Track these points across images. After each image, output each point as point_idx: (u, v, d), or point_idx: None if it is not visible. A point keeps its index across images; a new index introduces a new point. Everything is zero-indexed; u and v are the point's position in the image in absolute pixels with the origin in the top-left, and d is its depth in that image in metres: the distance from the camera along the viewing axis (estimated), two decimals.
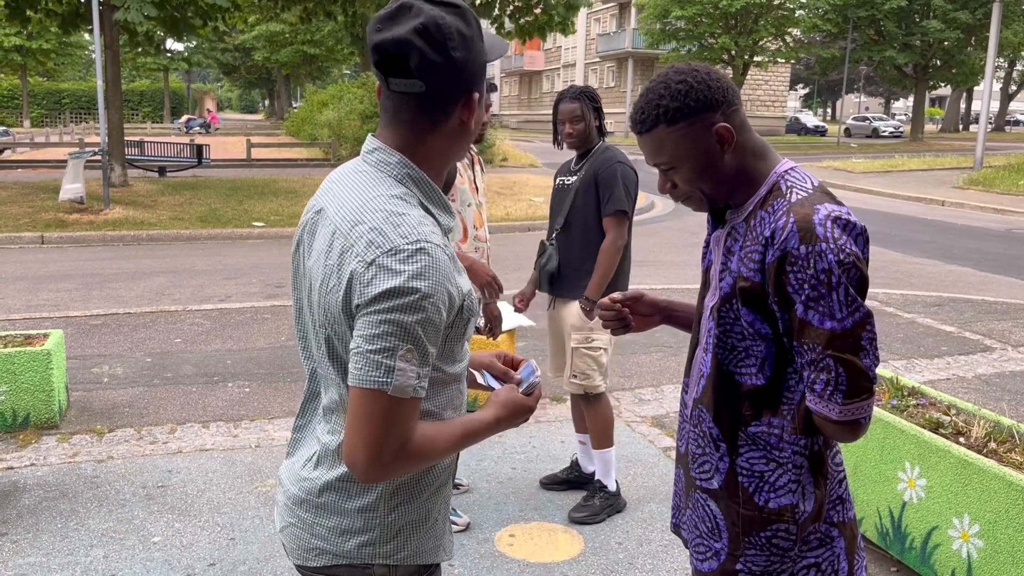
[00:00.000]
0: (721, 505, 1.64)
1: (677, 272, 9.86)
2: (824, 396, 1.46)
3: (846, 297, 1.42)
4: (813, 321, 1.44)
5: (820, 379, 1.46)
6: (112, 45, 15.40)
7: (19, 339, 4.88)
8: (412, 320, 1.29)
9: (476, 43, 1.41)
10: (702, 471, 1.68)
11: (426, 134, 1.42)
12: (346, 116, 24.29)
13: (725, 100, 1.54)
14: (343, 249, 1.35)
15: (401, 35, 1.34)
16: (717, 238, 1.65)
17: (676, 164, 1.58)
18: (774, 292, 1.48)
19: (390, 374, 1.29)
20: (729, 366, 1.60)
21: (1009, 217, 16.13)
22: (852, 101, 76.70)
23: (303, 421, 1.58)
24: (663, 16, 39.26)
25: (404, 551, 1.50)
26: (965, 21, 38.85)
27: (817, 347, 1.44)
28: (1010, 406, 5.38)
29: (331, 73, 60.83)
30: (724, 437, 1.62)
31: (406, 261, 1.29)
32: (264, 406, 5.22)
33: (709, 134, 1.54)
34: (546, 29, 18.29)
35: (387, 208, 1.35)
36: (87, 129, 39.36)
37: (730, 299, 1.56)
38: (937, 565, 3.14)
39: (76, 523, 3.66)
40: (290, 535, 1.53)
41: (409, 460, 1.35)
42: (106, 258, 10.55)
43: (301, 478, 1.51)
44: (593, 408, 3.76)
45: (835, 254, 1.42)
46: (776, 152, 1.63)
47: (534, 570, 3.34)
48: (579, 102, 3.63)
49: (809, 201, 1.48)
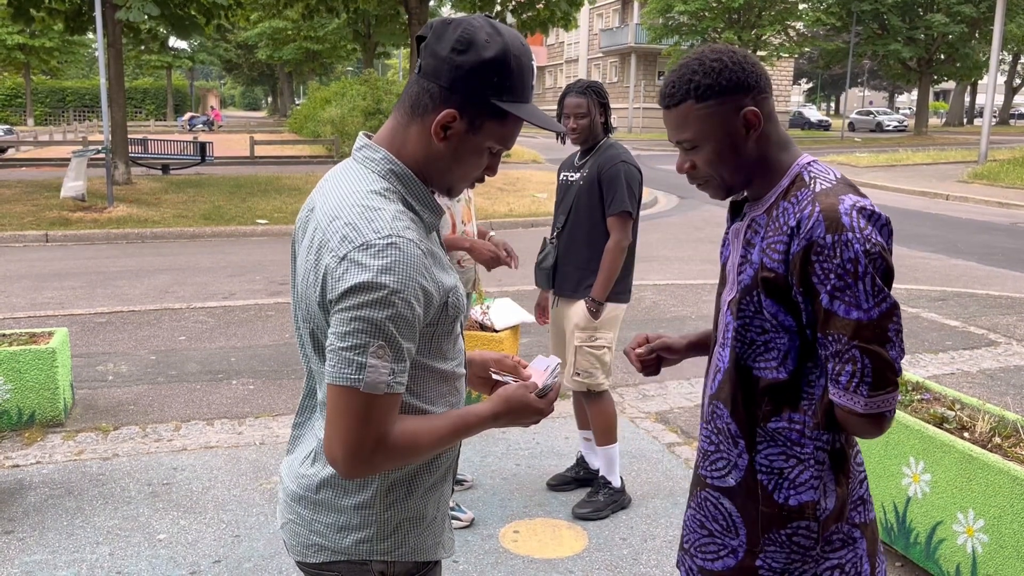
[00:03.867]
0: (737, 503, 1.61)
1: (681, 267, 9.85)
2: (849, 388, 1.44)
3: (872, 287, 1.41)
4: (839, 311, 1.42)
5: (845, 371, 1.44)
6: (115, 43, 15.41)
7: (24, 337, 4.89)
8: (382, 316, 1.29)
9: (490, 73, 1.36)
10: (715, 468, 1.65)
11: (408, 122, 1.43)
12: (349, 113, 24.28)
13: (757, 85, 1.53)
14: (320, 244, 1.36)
15: (436, 21, 1.40)
16: (736, 231, 1.64)
17: (699, 143, 1.55)
18: (799, 282, 1.46)
19: (361, 371, 1.30)
20: (748, 360, 1.58)
21: (1014, 211, 16.08)
22: (856, 95, 76.51)
23: (302, 418, 1.59)
24: (666, 11, 39.14)
25: (402, 547, 1.50)
26: (969, 15, 38.69)
27: (843, 338, 1.42)
28: (1015, 401, 5.36)
29: (334, 70, 60.80)
30: (742, 433, 1.60)
31: (376, 256, 1.29)
32: (268, 403, 5.23)
33: (736, 116, 1.52)
34: (548, 24, 18.26)
35: (363, 203, 1.35)
36: (91, 127, 39.44)
37: (750, 291, 1.54)
38: (942, 560, 3.14)
39: (82, 520, 3.68)
40: (289, 531, 1.54)
41: (390, 455, 1.36)
42: (110, 256, 10.57)
43: (299, 475, 1.51)
44: (596, 405, 3.76)
45: (861, 243, 1.40)
46: (797, 146, 1.62)
47: (538, 566, 3.34)
48: (585, 97, 3.57)
49: (834, 191, 1.47)
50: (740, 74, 1.51)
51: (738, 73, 1.51)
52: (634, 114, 47.54)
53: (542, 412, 1.52)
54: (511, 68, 1.38)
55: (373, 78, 25.87)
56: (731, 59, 1.52)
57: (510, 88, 1.39)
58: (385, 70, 62.82)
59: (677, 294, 8.37)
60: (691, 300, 8.12)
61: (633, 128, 46.78)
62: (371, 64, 32.83)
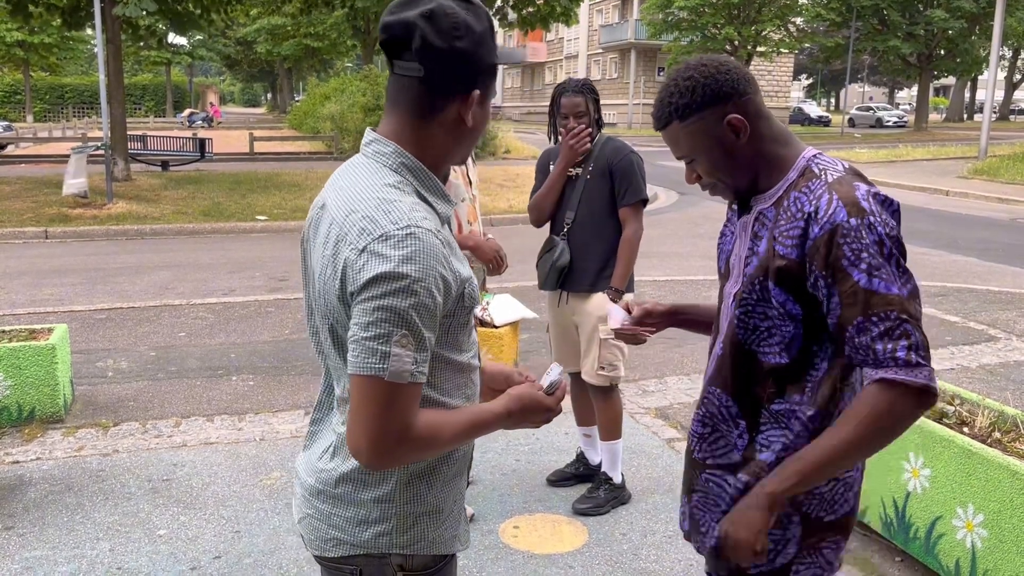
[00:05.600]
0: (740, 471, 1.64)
1: (680, 263, 9.84)
2: (911, 363, 1.42)
3: (898, 268, 1.45)
4: (879, 289, 1.43)
5: (901, 346, 1.42)
6: (114, 39, 15.38)
7: (24, 334, 4.89)
8: (405, 305, 1.29)
9: (485, 42, 1.41)
10: (715, 448, 1.68)
11: (422, 121, 1.43)
12: (348, 109, 24.28)
13: (735, 91, 1.55)
14: (338, 238, 1.36)
15: (408, 17, 1.37)
16: (744, 224, 1.66)
17: (695, 156, 1.62)
18: (822, 266, 1.47)
19: (386, 360, 1.30)
20: (751, 345, 1.60)
21: (1014, 207, 16.07)
22: (856, 91, 76.42)
23: (319, 415, 1.59)
24: (666, 6, 39.11)
25: (421, 541, 1.51)
26: (969, 10, 38.63)
27: (892, 313, 1.42)
28: (1014, 396, 5.36)
29: (334, 66, 60.72)
30: (743, 414, 1.62)
31: (396, 246, 1.30)
32: (268, 399, 5.23)
33: (721, 126, 1.56)
34: (549, 20, 18.24)
35: (379, 196, 1.36)
36: (90, 124, 39.36)
37: (755, 280, 1.57)
38: (941, 555, 3.14)
39: (82, 516, 3.68)
40: (308, 526, 1.54)
41: (413, 446, 1.36)
42: (110, 252, 10.57)
43: (318, 469, 1.52)
44: (608, 400, 3.75)
45: (883, 227, 1.46)
46: (800, 140, 1.64)
47: (538, 561, 3.34)
48: (582, 95, 3.57)
49: (847, 180, 1.51)
50: (714, 86, 1.55)
51: (711, 86, 1.55)
52: (634, 110, 47.49)
53: (551, 410, 1.53)
54: (494, 28, 1.44)
55: (373, 74, 25.86)
56: (702, 74, 1.55)
57: (495, 44, 1.45)
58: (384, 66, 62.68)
59: (677, 290, 8.37)
60: (691, 296, 8.12)
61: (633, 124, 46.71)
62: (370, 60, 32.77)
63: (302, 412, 4.99)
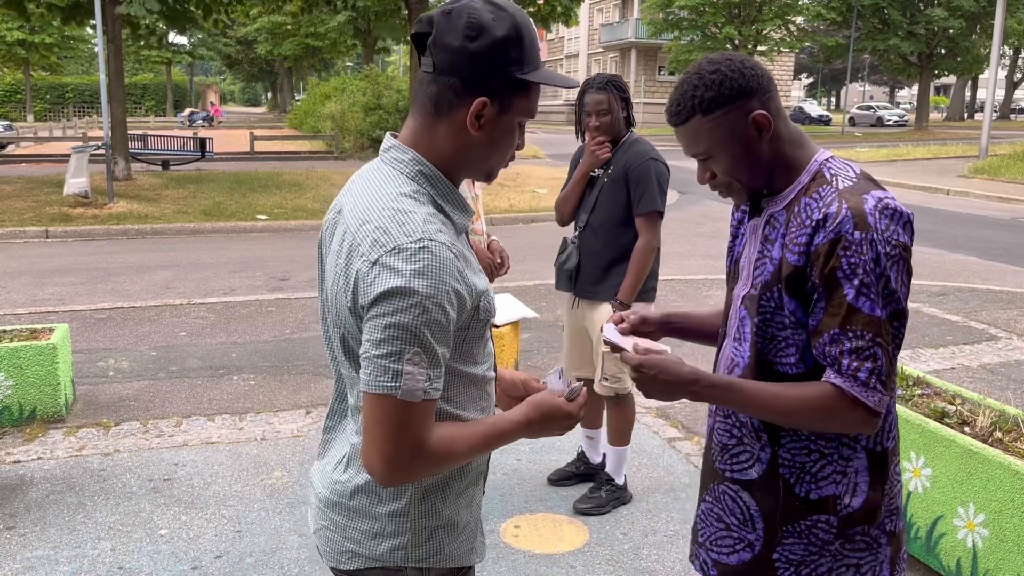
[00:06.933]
0: (756, 496, 1.62)
1: (681, 263, 9.84)
2: (868, 385, 1.45)
3: (886, 288, 1.45)
4: (863, 308, 1.44)
5: (865, 367, 1.44)
6: (115, 39, 15.37)
7: (25, 333, 4.89)
8: (417, 322, 1.27)
9: (506, 50, 1.35)
10: (736, 462, 1.65)
11: (433, 119, 1.40)
12: (349, 108, 24.28)
13: (760, 87, 1.53)
14: (351, 249, 1.34)
15: (433, 12, 1.37)
16: (754, 227, 1.64)
17: (713, 154, 1.56)
18: (819, 273, 1.46)
19: (398, 378, 1.28)
20: (769, 355, 1.58)
21: (1014, 206, 16.07)
22: (856, 90, 76.39)
23: (332, 422, 1.57)
24: (666, 5, 39.08)
25: (437, 554, 1.49)
26: (970, 9, 38.63)
27: (867, 334, 1.44)
28: (1015, 395, 5.36)
29: (334, 65, 60.74)
30: (765, 427, 1.60)
31: (408, 260, 1.27)
32: (269, 399, 5.23)
33: (746, 122, 1.53)
34: (549, 19, 18.20)
35: (394, 206, 1.33)
36: (90, 123, 39.39)
37: (770, 287, 1.55)
38: (942, 555, 3.14)
39: (83, 516, 3.68)
40: (323, 537, 1.52)
41: (427, 462, 1.34)
42: (110, 252, 10.57)
43: (333, 481, 1.50)
44: (620, 408, 3.72)
45: (883, 245, 1.43)
46: (812, 142, 1.62)
47: (539, 561, 3.34)
48: (606, 92, 3.44)
49: (858, 189, 1.49)
50: (741, 80, 1.51)
51: (739, 80, 1.51)
52: (635, 109, 47.49)
53: (572, 416, 1.47)
54: (524, 39, 1.37)
55: (373, 73, 25.88)
56: (729, 67, 1.52)
57: (527, 59, 1.38)
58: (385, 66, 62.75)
59: (678, 289, 8.37)
60: (692, 295, 8.12)
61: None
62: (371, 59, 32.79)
63: (303, 412, 4.99)
